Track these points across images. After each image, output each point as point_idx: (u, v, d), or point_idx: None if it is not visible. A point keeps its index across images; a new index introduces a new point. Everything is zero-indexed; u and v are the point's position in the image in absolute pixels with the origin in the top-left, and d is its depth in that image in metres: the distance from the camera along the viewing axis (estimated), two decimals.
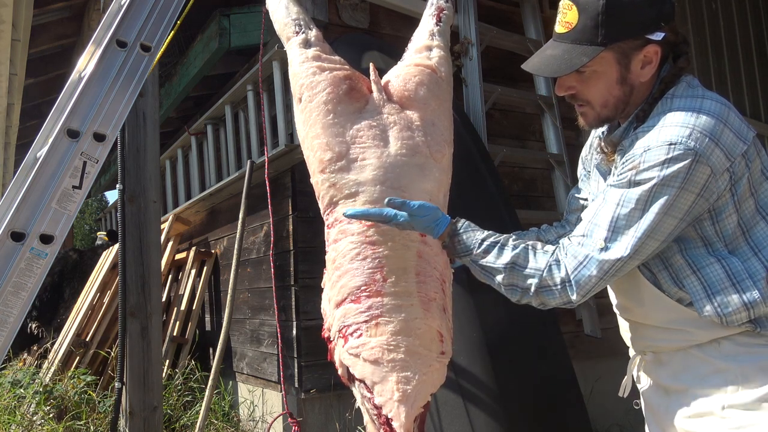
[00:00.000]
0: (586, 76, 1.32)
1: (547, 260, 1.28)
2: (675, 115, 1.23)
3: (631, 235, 1.21)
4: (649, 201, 1.20)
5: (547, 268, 1.27)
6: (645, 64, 1.30)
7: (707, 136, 1.18)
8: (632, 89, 1.32)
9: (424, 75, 1.61)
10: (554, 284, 1.26)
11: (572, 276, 1.25)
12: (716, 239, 1.26)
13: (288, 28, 1.67)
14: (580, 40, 1.28)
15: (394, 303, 1.42)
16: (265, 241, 3.77)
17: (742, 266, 1.24)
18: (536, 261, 1.29)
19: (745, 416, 1.21)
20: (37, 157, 1.47)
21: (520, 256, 1.29)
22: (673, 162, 1.17)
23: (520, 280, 1.29)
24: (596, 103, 1.35)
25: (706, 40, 4.97)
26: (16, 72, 4.63)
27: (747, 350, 1.24)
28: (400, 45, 1.80)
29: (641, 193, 1.20)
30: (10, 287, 1.35)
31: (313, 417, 3.26)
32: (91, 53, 1.58)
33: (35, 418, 3.63)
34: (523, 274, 1.28)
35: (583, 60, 1.27)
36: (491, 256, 1.30)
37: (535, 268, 1.28)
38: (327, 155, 1.50)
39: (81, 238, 21.32)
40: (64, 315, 5.65)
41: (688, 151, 1.17)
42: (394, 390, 1.37)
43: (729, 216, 1.25)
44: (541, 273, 1.27)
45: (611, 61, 1.29)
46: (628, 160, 1.24)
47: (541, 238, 1.67)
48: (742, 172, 1.22)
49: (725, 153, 1.19)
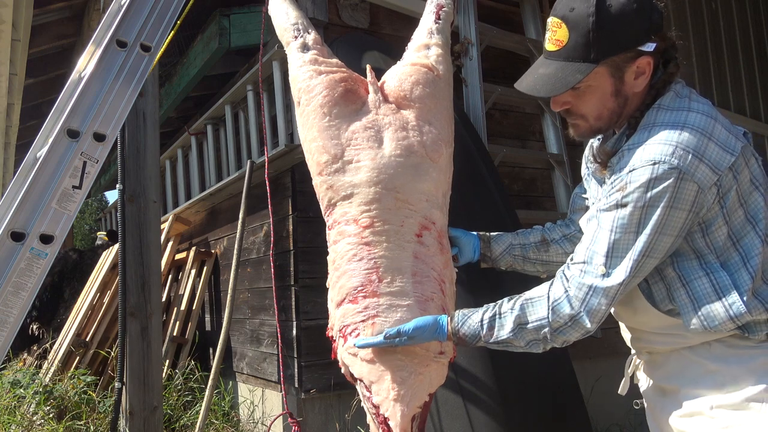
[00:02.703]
0: (581, 91, 1.31)
1: (546, 305, 1.29)
2: (659, 131, 1.22)
3: (629, 258, 1.22)
4: (641, 223, 1.21)
5: (550, 311, 1.28)
6: (638, 75, 1.29)
7: (690, 152, 1.17)
8: (626, 100, 1.32)
9: (421, 74, 1.61)
10: (565, 323, 1.28)
11: (582, 308, 1.26)
12: (707, 251, 1.27)
13: (287, 32, 1.69)
14: (573, 57, 1.27)
15: (389, 303, 1.42)
16: (265, 241, 3.77)
17: (729, 279, 1.24)
18: (536, 311, 1.30)
19: (733, 416, 1.23)
20: (37, 157, 1.47)
21: (520, 315, 1.31)
22: (658, 182, 1.17)
23: (533, 334, 1.31)
24: (591, 116, 1.34)
25: (706, 40, 4.97)
26: (16, 72, 4.63)
27: (736, 352, 1.26)
28: (400, 45, 1.80)
29: (631, 216, 1.21)
30: (10, 287, 1.35)
31: (313, 417, 3.26)
32: (91, 53, 1.58)
33: (35, 418, 3.63)
34: (533, 328, 1.30)
35: (578, 77, 1.26)
36: (496, 330, 1.33)
37: (539, 318, 1.29)
38: (323, 158, 1.51)
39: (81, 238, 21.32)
40: (64, 315, 5.65)
41: (672, 169, 1.17)
42: (390, 389, 1.37)
43: (719, 228, 1.24)
44: (547, 319, 1.28)
45: (605, 75, 1.29)
46: (616, 181, 1.24)
47: (546, 237, 1.67)
48: (729, 184, 1.21)
49: (711, 167, 1.18)
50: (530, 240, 1.67)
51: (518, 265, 1.68)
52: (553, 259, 1.67)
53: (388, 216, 1.46)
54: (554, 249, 1.66)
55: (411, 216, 1.49)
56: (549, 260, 1.67)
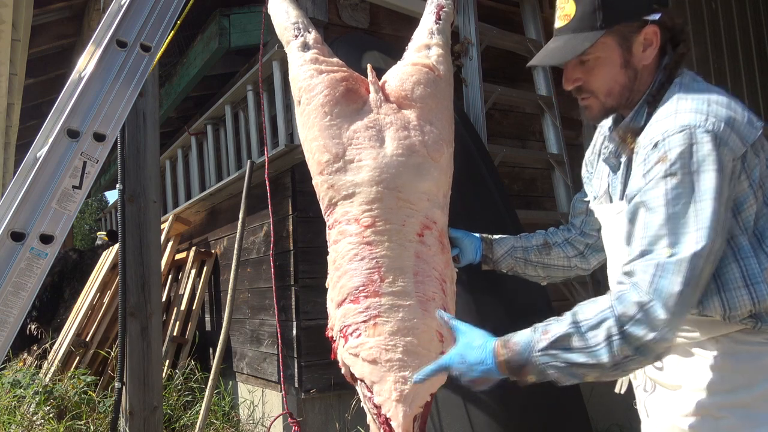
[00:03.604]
0: (590, 64, 1.33)
1: (608, 298, 1.15)
2: (687, 102, 1.22)
3: (694, 228, 1.13)
4: (696, 189, 1.14)
5: (615, 300, 1.14)
6: (646, 46, 1.31)
7: (722, 121, 1.17)
8: (636, 74, 1.32)
9: (422, 74, 1.61)
10: (633, 314, 1.11)
11: (651, 293, 1.11)
12: (738, 231, 1.23)
13: (288, 32, 1.69)
14: (581, 28, 1.30)
15: (391, 303, 1.42)
16: (265, 241, 3.77)
17: (758, 268, 1.21)
18: (597, 305, 1.16)
19: (742, 416, 1.20)
20: (37, 157, 1.47)
21: (577, 313, 1.17)
22: (699, 146, 1.15)
23: (596, 331, 1.13)
24: (601, 92, 1.34)
25: (706, 40, 4.97)
26: (16, 72, 4.63)
27: (746, 348, 1.23)
28: (400, 45, 1.80)
29: (683, 184, 1.15)
30: (10, 287, 1.35)
31: (313, 417, 3.26)
32: (91, 53, 1.58)
33: (35, 418, 3.63)
34: (595, 323, 1.14)
35: (585, 45, 1.28)
36: (553, 327, 1.17)
37: (601, 309, 1.14)
38: (324, 157, 1.51)
39: (81, 238, 21.32)
40: (64, 315, 5.65)
41: (708, 133, 1.16)
42: (392, 390, 1.37)
43: (750, 206, 1.22)
44: (611, 309, 1.13)
45: (613, 46, 1.30)
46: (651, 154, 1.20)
47: (548, 240, 1.67)
48: (753, 162, 1.21)
49: (740, 138, 1.18)
50: (532, 243, 1.67)
51: (519, 268, 1.68)
52: (555, 263, 1.66)
53: (390, 215, 1.46)
54: (556, 252, 1.66)
55: (412, 215, 1.49)
56: (550, 263, 1.67)
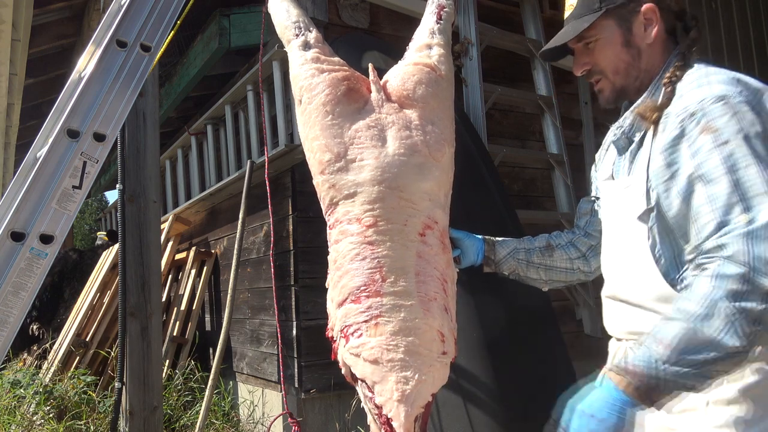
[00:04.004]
0: (593, 46, 1.42)
1: (705, 282, 1.06)
2: (717, 75, 1.24)
3: (763, 189, 1.07)
4: (750, 152, 1.11)
5: (716, 278, 1.04)
6: (646, 25, 1.37)
7: (753, 93, 1.19)
8: (639, 52, 1.39)
9: (423, 74, 1.61)
10: (738, 287, 1.02)
11: (751, 260, 1.02)
12: None
13: (288, 31, 1.68)
14: (582, 13, 1.41)
15: (393, 303, 1.42)
16: (265, 241, 3.77)
17: None
18: (694, 294, 1.06)
19: (728, 411, 1.20)
20: (37, 157, 1.47)
21: (678, 311, 1.08)
22: (740, 114, 1.15)
23: (714, 321, 1.03)
24: (609, 70, 1.41)
25: (706, 40, 4.97)
26: (16, 72, 4.63)
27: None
28: (401, 45, 1.80)
29: (740, 148, 1.12)
30: (10, 287, 1.34)
31: (313, 417, 3.26)
32: (91, 53, 1.57)
33: (35, 418, 3.63)
34: (705, 314, 1.04)
35: (584, 25, 1.38)
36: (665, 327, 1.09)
37: (705, 296, 1.05)
38: (326, 156, 1.51)
39: (81, 238, 21.33)
40: (64, 315, 5.65)
41: (746, 103, 1.17)
42: (394, 390, 1.37)
43: None
44: (716, 289, 1.04)
45: (612, 26, 1.39)
46: (690, 122, 1.19)
47: (551, 243, 1.67)
48: None
49: None
50: (535, 245, 1.68)
51: (521, 271, 1.67)
52: (557, 265, 1.66)
53: (392, 215, 1.46)
54: (559, 254, 1.66)
55: (414, 215, 1.48)
56: (553, 265, 1.66)
